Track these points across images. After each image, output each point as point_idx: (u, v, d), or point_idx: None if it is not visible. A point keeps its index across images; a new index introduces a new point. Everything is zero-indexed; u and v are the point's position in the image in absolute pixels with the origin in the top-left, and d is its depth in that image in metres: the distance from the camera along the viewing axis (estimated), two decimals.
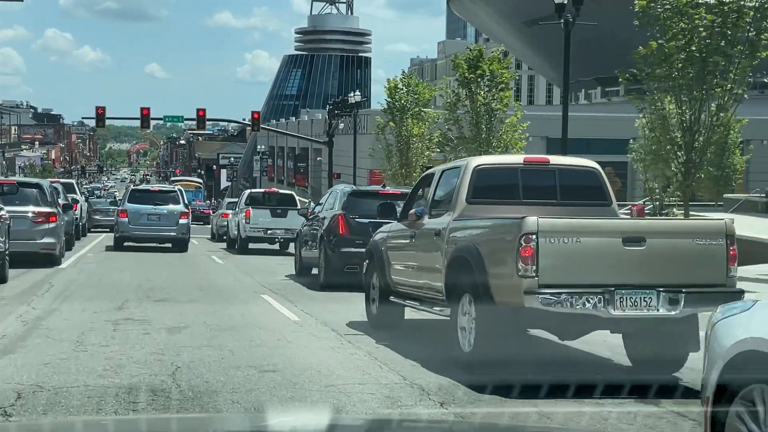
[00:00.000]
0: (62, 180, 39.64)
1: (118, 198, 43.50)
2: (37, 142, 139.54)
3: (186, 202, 28.17)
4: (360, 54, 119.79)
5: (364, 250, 12.83)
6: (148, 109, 53.61)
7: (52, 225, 19.68)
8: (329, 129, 55.77)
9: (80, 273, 18.75)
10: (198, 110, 53.58)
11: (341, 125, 55.17)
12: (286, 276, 19.67)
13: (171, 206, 26.96)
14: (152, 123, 55.71)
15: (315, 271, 18.57)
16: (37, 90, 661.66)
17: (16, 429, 4.72)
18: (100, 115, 53.18)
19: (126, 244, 27.10)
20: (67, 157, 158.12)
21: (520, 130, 29.60)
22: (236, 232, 28.67)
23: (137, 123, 55.49)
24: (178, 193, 27.53)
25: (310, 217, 18.98)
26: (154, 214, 26.70)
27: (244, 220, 27.22)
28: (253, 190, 30.28)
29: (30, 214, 19.26)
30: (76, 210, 32.83)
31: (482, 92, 28.29)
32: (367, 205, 16.35)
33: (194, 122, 54.53)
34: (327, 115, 55.66)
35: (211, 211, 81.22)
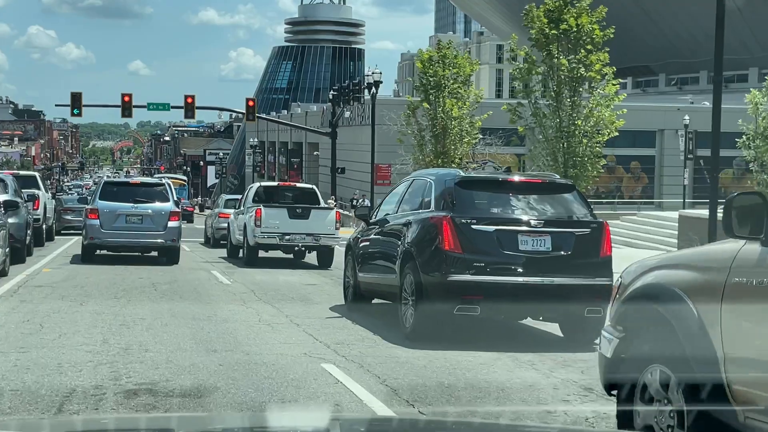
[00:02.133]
0: (21, 171, 32.59)
1: (85, 192, 35.37)
2: (16, 138, 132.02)
3: (176, 198, 21.27)
4: (353, 45, 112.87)
5: (491, 278, 9.42)
6: (130, 95, 46.77)
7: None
8: (333, 118, 48.95)
9: (12, 312, 11.63)
10: (186, 97, 46.70)
11: (347, 113, 48.24)
12: (331, 310, 12.86)
13: (157, 204, 20.06)
14: (136, 115, 48.60)
15: (377, 300, 11.93)
16: (19, 87, 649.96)
17: (17, 426, 4.15)
18: (76, 101, 46.24)
19: (99, 252, 20.20)
20: (48, 154, 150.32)
21: (615, 105, 22.91)
22: (241, 238, 21.80)
23: (122, 120, 48.48)
24: (166, 187, 20.63)
25: (374, 221, 12.10)
26: (135, 214, 19.80)
27: (253, 222, 20.34)
28: (263, 183, 23.30)
29: None
30: (37, 208, 26.01)
31: (566, 55, 21.53)
32: (491, 201, 9.65)
33: (182, 110, 47.76)
34: (331, 102, 48.75)
35: (194, 209, 74.80)
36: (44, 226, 27.05)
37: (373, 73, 36.81)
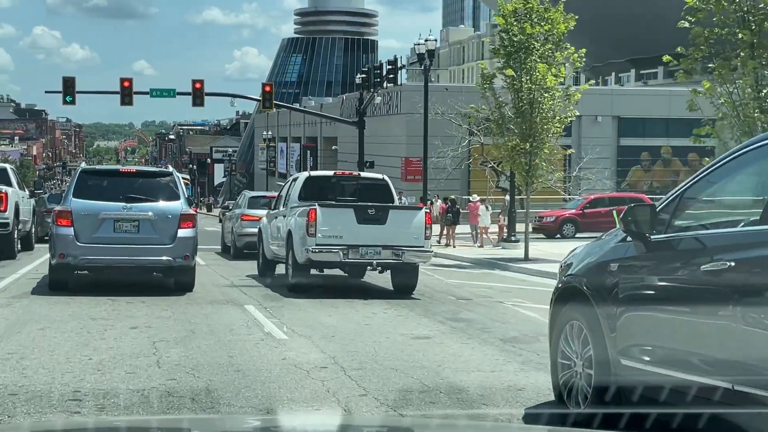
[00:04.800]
0: None
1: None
2: (17, 137, 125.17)
3: (188, 196, 14.34)
4: (366, 37, 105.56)
5: None
6: (130, 80, 39.81)
7: None
8: (360, 105, 42.00)
9: None
10: (194, 82, 39.77)
11: (378, 99, 41.28)
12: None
13: (161, 204, 13.16)
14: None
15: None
16: (24, 88, 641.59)
17: (29, 427, 4.19)
18: (69, 87, 39.30)
19: (77, 273, 13.35)
20: (50, 153, 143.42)
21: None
22: (280, 250, 14.89)
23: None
24: (175, 178, 13.67)
25: (670, 238, 5.17)
26: (128, 218, 12.85)
27: (303, 230, 13.38)
28: (313, 173, 16.15)
29: None
30: (5, 210, 19.20)
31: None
32: None
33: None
34: (360, 87, 41.76)
35: (196, 210, 66.43)
36: (16, 233, 20.17)
37: (426, 40, 29.90)
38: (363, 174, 16.33)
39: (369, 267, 13.50)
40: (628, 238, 5.52)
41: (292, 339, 9.28)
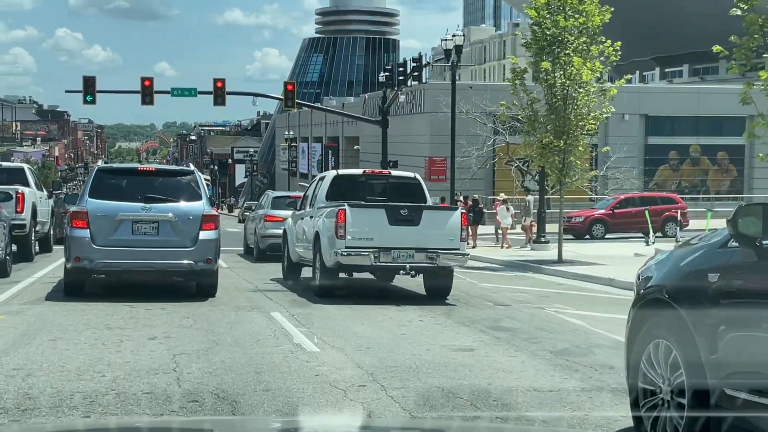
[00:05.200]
0: (4, 163, 25.04)
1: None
2: (39, 138, 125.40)
3: (210, 195, 13.58)
4: (387, 36, 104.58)
5: None
6: (151, 79, 39.21)
7: None
8: (384, 104, 41.23)
9: None
10: (215, 81, 39.10)
11: (402, 97, 40.45)
12: None
13: (182, 204, 12.41)
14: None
15: None
16: (46, 90, 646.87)
17: (53, 428, 4.23)
18: (90, 86, 38.79)
19: (94, 276, 12.62)
20: (72, 154, 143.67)
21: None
22: (306, 253, 14.10)
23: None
24: (196, 177, 12.92)
25: None
26: (147, 220, 12.11)
27: (332, 231, 12.59)
28: (341, 172, 15.27)
29: None
30: (21, 211, 18.63)
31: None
32: None
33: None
34: (383, 85, 40.96)
35: (217, 210, 65.91)
36: (33, 235, 19.56)
37: (454, 36, 29.02)
38: (394, 172, 15.48)
39: (401, 271, 12.65)
40: (732, 243, 4.67)
41: (323, 351, 8.48)
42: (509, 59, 21.46)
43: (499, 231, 28.28)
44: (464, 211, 13.26)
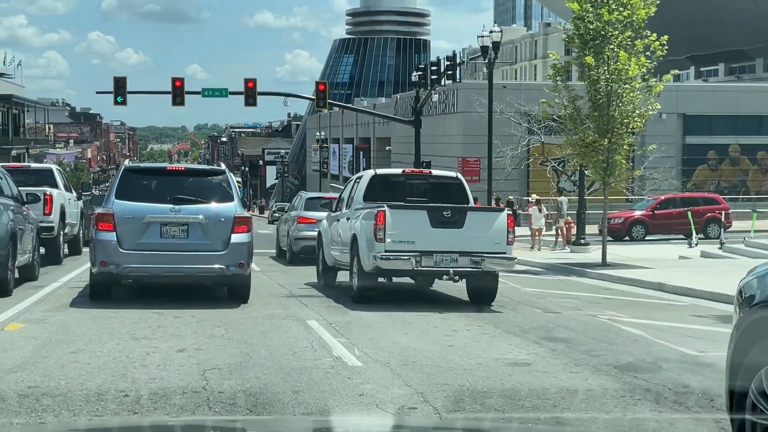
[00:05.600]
0: (33, 165, 24.65)
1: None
2: (72, 141, 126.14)
3: (242, 196, 12.85)
4: (418, 36, 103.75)
5: None
6: (182, 80, 38.79)
7: None
8: (417, 104, 40.51)
9: None
10: (246, 81, 38.58)
11: (435, 96, 39.66)
12: None
13: (213, 206, 11.73)
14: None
15: None
16: (79, 92, 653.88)
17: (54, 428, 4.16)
18: (120, 86, 38.46)
19: (122, 284, 11.98)
20: (104, 156, 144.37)
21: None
22: (342, 256, 13.38)
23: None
24: (228, 176, 12.24)
25: None
26: (176, 222, 11.45)
27: (370, 234, 11.84)
28: (379, 171, 14.45)
29: None
30: (49, 213, 18.15)
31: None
32: None
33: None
34: (415, 85, 40.22)
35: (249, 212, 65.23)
36: (62, 237, 19.06)
37: (491, 32, 28.14)
38: (434, 172, 14.72)
39: (445, 276, 11.88)
40: None
41: (366, 366, 7.74)
42: (550, 55, 20.58)
43: (537, 234, 27.41)
44: (510, 212, 12.46)
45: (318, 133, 71.52)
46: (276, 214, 60.08)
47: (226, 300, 12.04)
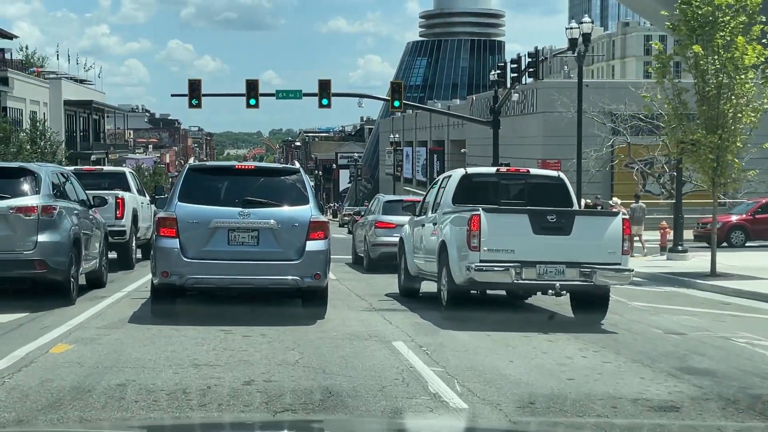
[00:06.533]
0: (106, 168, 23.91)
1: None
2: (150, 146, 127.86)
3: (317, 198, 11.43)
4: (492, 38, 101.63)
5: None
6: (256, 81, 37.99)
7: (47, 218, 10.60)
8: (495, 104, 38.82)
9: None
10: (320, 82, 37.51)
11: (515, 96, 37.89)
12: None
13: (286, 210, 10.35)
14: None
15: None
16: (159, 99, 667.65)
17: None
18: (195, 89, 37.90)
19: (186, 293, 10.70)
20: (182, 161, 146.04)
21: None
22: (433, 265, 11.85)
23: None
24: (302, 176, 10.85)
25: None
26: (245, 228, 10.09)
27: (463, 241, 10.29)
28: (470, 170, 12.82)
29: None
30: (120, 216, 17.29)
31: None
32: None
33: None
34: (494, 84, 38.54)
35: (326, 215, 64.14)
36: (133, 241, 18.14)
37: (581, 23, 26.27)
38: (533, 171, 13.07)
39: (550, 291, 10.26)
40: None
41: (474, 408, 6.19)
42: (653, 44, 18.69)
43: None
44: (626, 216, 10.75)
45: (392, 135, 70.19)
46: (346, 218, 59.05)
47: (301, 314, 10.65)
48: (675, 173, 37.81)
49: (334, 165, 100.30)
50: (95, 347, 8.28)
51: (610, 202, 31.85)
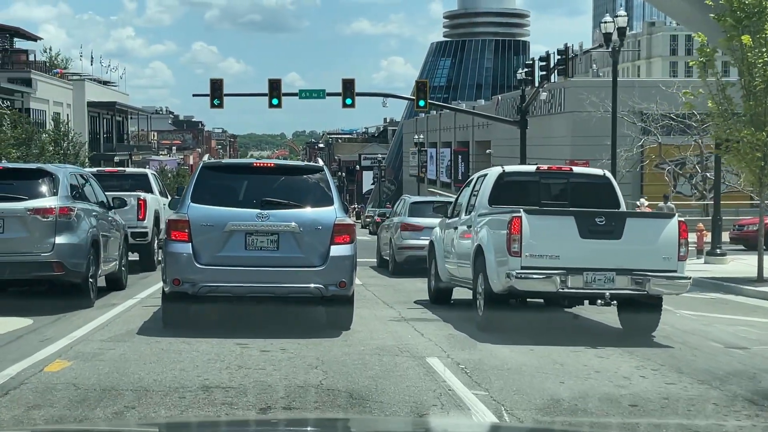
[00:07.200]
0: (128, 170, 23.28)
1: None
2: (174, 147, 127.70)
3: (342, 199, 10.49)
4: (517, 38, 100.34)
5: None
6: (279, 81, 37.21)
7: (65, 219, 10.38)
8: (523, 103, 37.71)
9: None
10: (344, 81, 36.59)
11: (543, 95, 36.80)
12: None
13: (308, 211, 9.42)
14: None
15: None
16: (183, 101, 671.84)
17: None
18: (217, 89, 37.14)
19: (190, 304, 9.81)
20: None
21: None
22: (467, 271, 10.88)
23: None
24: (326, 174, 9.93)
25: None
26: (264, 231, 9.18)
27: (503, 246, 9.31)
28: (507, 168, 11.78)
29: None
30: (143, 218, 16.71)
31: None
32: None
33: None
34: (521, 83, 37.47)
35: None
36: (155, 243, 17.58)
37: (616, 17, 25.19)
38: (576, 169, 12.05)
39: (599, 300, 9.25)
40: None
41: None
42: (696, 36, 17.60)
43: None
44: (682, 219, 9.73)
45: (416, 136, 69.23)
46: (368, 219, 58.15)
47: (324, 325, 9.74)
48: (707, 174, 36.50)
49: (358, 166, 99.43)
50: (96, 364, 7.40)
51: (637, 203, 30.71)
